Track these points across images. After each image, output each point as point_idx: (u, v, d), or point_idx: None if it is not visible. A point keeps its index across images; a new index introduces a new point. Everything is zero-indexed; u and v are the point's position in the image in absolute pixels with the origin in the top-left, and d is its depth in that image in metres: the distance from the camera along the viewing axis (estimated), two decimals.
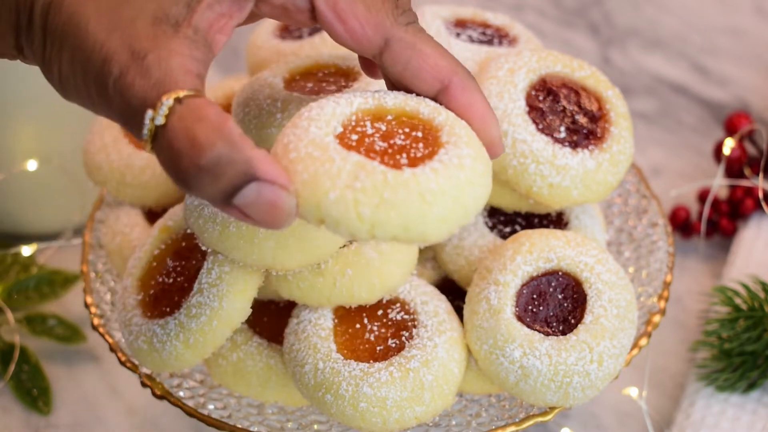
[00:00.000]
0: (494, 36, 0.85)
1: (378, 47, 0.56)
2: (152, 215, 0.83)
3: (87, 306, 0.80)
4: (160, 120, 0.51)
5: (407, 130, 0.56)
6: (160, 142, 0.52)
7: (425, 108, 0.57)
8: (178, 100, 0.51)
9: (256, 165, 0.51)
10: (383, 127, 0.56)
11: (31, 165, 0.92)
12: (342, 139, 0.55)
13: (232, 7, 0.55)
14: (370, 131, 0.56)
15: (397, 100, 0.57)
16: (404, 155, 0.54)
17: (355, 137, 0.55)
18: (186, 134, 0.51)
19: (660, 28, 1.25)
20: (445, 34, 0.81)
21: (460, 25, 0.85)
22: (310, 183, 0.52)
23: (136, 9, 0.54)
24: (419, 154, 0.55)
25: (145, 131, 0.52)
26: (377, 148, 0.55)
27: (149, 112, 0.52)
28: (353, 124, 0.56)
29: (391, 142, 0.55)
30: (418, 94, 0.58)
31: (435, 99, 0.58)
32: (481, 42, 0.84)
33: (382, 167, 0.53)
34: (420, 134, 0.56)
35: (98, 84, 0.53)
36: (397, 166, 0.53)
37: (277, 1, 0.55)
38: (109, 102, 0.53)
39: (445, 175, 0.53)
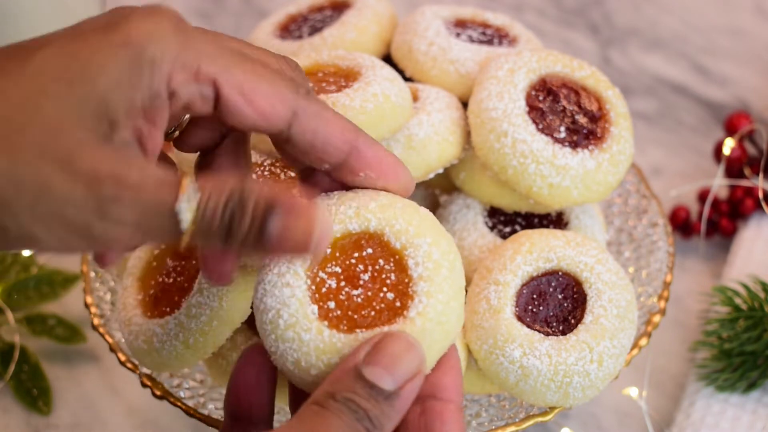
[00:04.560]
0: (494, 36, 0.85)
1: (286, 121, 0.56)
2: None
3: (87, 306, 0.80)
4: (194, 205, 0.50)
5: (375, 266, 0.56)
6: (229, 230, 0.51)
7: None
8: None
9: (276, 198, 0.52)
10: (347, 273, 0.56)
11: None
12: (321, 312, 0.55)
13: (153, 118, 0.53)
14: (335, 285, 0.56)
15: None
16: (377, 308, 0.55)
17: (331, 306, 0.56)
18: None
19: (660, 28, 1.25)
20: (445, 34, 0.81)
21: (460, 25, 0.85)
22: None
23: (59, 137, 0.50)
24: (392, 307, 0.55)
25: (185, 223, 0.51)
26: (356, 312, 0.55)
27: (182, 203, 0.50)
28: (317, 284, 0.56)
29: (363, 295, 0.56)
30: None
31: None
32: (481, 42, 0.84)
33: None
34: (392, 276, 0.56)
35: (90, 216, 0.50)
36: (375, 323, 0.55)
37: (185, 96, 0.54)
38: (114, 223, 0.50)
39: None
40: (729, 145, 0.97)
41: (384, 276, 0.55)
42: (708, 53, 1.21)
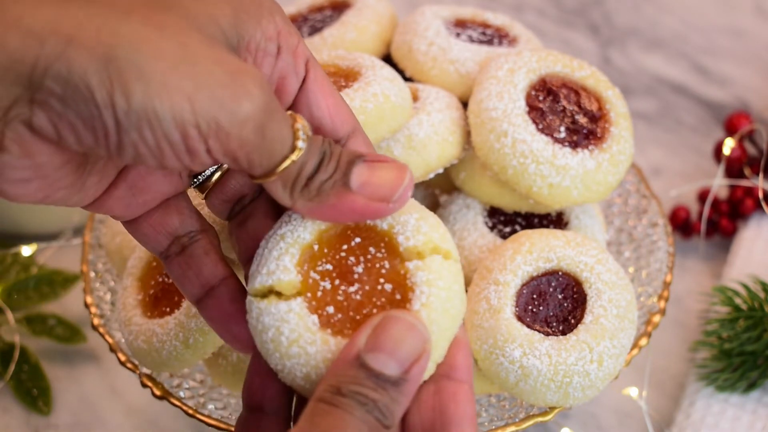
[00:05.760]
0: (494, 36, 0.85)
1: (346, 134, 0.57)
2: None
3: (87, 306, 0.80)
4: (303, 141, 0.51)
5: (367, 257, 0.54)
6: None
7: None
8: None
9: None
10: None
11: None
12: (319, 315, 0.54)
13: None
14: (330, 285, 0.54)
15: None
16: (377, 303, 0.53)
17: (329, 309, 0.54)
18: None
19: (660, 28, 1.25)
20: (445, 34, 0.81)
21: (460, 25, 0.85)
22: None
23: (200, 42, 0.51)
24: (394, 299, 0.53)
25: (302, 142, 0.51)
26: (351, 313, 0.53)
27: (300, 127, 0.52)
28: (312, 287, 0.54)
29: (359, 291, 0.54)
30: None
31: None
32: (481, 42, 0.84)
33: None
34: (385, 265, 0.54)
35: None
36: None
37: (285, 60, 0.56)
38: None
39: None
40: (729, 145, 0.97)
41: (378, 265, 0.53)
42: (708, 53, 1.21)
